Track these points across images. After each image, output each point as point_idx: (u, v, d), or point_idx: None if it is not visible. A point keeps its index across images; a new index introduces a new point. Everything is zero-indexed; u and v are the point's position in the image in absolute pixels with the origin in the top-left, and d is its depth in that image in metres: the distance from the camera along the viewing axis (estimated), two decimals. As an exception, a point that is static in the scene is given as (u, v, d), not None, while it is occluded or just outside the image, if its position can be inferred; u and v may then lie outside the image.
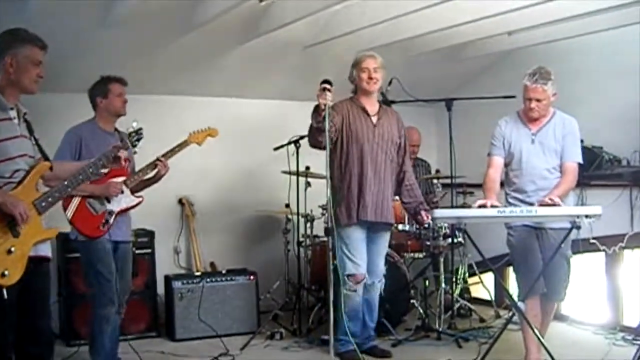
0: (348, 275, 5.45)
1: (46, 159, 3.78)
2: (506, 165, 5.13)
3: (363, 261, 5.47)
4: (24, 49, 3.62)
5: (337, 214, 5.44)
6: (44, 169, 3.72)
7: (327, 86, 5.08)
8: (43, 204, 3.66)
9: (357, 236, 5.48)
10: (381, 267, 5.67)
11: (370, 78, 5.51)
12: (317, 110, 5.10)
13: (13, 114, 3.66)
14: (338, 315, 5.35)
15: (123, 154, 4.25)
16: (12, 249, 3.50)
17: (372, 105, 5.63)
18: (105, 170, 4.38)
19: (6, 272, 3.44)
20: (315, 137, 5.25)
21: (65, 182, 3.77)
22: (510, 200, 5.02)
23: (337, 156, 5.53)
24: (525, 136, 5.04)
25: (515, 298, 4.92)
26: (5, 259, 3.46)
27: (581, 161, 5.07)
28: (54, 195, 3.72)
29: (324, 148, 5.17)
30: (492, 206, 4.73)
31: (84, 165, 3.96)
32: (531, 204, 4.80)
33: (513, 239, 5.06)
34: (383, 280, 5.69)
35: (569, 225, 4.81)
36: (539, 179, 4.97)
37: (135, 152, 4.63)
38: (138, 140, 4.54)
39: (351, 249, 5.48)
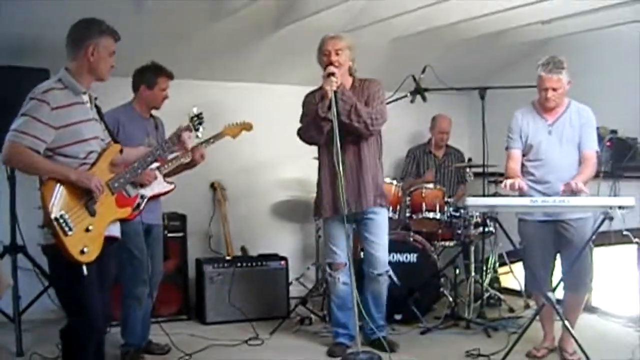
0: (329, 263, 5.53)
1: (115, 142, 3.98)
2: (523, 156, 5.14)
3: (341, 250, 5.39)
4: (104, 39, 3.81)
5: (318, 204, 5.52)
6: (115, 151, 3.94)
7: (333, 70, 5.07)
8: (116, 184, 3.88)
9: (334, 227, 5.43)
10: (381, 258, 5.49)
11: (329, 61, 5.21)
12: (321, 98, 5.08)
13: (85, 98, 3.84)
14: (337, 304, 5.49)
15: (187, 134, 4.33)
16: (90, 227, 3.70)
17: (345, 86, 5.29)
18: (172, 156, 4.51)
19: (85, 249, 3.63)
20: (318, 127, 5.19)
21: (135, 164, 4.04)
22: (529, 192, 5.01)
23: (318, 149, 5.49)
24: (542, 127, 5.05)
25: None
26: (84, 236, 3.66)
27: (597, 149, 5.08)
28: (125, 176, 3.96)
29: (318, 141, 5.19)
30: (520, 189, 4.77)
31: (151, 149, 4.21)
32: (549, 195, 4.78)
33: (526, 232, 5.09)
34: (389, 272, 5.56)
35: (589, 214, 4.83)
36: (558, 170, 4.96)
37: (197, 137, 4.67)
38: (200, 124, 4.60)
39: (330, 238, 5.49)
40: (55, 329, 3.85)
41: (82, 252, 3.61)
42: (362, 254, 5.78)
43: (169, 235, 6.34)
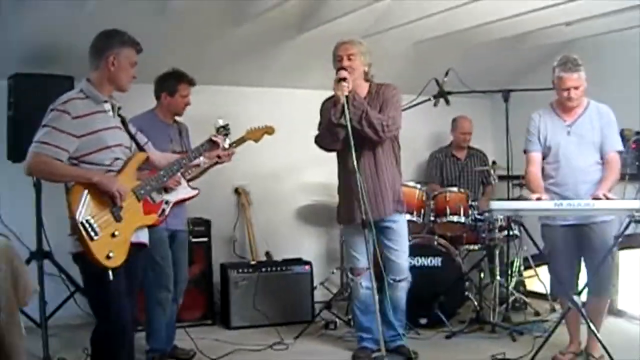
0: (350, 268, 5.55)
1: (141, 150, 4.02)
2: (543, 158, 5.09)
3: (362, 255, 5.29)
4: (126, 50, 3.86)
5: (338, 210, 5.54)
6: (142, 158, 3.99)
7: (344, 75, 5.04)
8: (142, 191, 3.92)
9: (353, 233, 5.39)
10: (401, 265, 5.45)
11: (341, 68, 5.12)
12: (334, 104, 5.05)
13: (107, 106, 3.88)
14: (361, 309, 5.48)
15: (219, 139, 4.36)
16: (116, 232, 3.72)
17: (360, 92, 5.24)
18: (197, 162, 4.59)
19: (111, 254, 3.66)
20: (332, 133, 5.14)
21: (162, 172, 4.07)
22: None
23: (337, 155, 5.45)
24: (561, 128, 5.00)
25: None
26: (110, 242, 3.68)
27: (622, 148, 5.02)
28: (151, 183, 3.99)
29: (334, 148, 5.21)
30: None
31: (178, 158, 4.23)
32: (569, 198, 4.75)
33: (550, 237, 5.06)
34: (409, 279, 5.53)
35: (612, 217, 4.79)
36: (578, 171, 4.92)
37: (224, 148, 4.69)
38: (226, 135, 4.61)
39: (351, 244, 5.49)
40: (82, 334, 3.90)
41: (108, 257, 3.64)
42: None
43: (194, 240, 6.36)
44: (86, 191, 3.65)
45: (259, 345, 5.77)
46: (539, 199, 4.74)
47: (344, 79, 5.01)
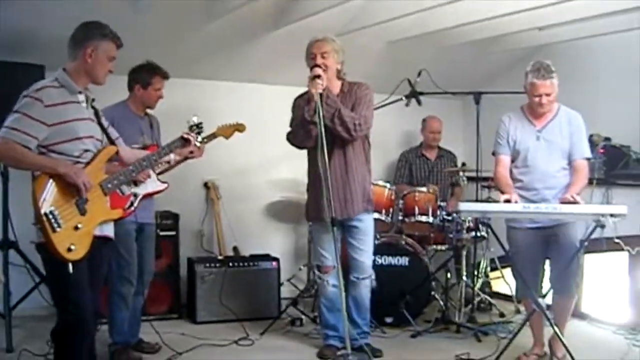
0: (317, 266, 5.56)
1: (112, 143, 3.99)
2: (512, 161, 5.12)
3: (329, 253, 5.34)
4: (105, 44, 3.85)
5: (307, 208, 5.55)
6: (111, 152, 3.96)
7: (319, 73, 5.04)
8: (109, 185, 3.90)
9: (320, 231, 5.41)
10: (365, 263, 5.45)
11: (316, 65, 5.13)
12: (307, 101, 5.06)
13: (81, 97, 3.86)
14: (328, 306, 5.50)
15: (192, 137, 4.33)
16: (79, 225, 3.70)
17: (332, 90, 5.24)
18: (167, 158, 4.60)
19: (72, 247, 3.64)
20: (306, 130, 5.14)
21: (131, 167, 4.04)
22: None
23: (307, 152, 5.45)
24: (530, 133, 5.03)
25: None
26: (72, 234, 3.66)
27: (590, 156, 5.06)
28: (119, 178, 3.97)
29: (307, 145, 5.21)
30: (516, 202, 4.75)
31: (148, 154, 4.20)
32: (537, 202, 4.78)
33: (516, 239, 5.10)
34: (372, 277, 5.54)
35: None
36: (546, 176, 4.96)
37: (195, 146, 4.68)
38: (198, 134, 4.59)
39: (318, 241, 5.50)
40: (46, 326, 3.86)
41: (69, 249, 3.62)
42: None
43: (162, 233, 6.33)
44: (51, 181, 3.63)
45: (225, 340, 5.76)
46: (507, 200, 4.77)
47: (318, 77, 5.01)
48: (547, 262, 5.12)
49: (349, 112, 5.18)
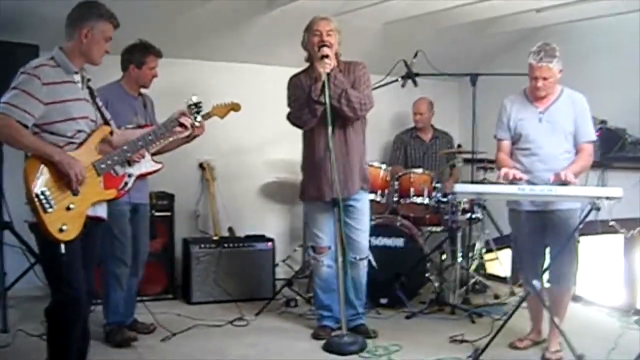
0: (312, 247, 5.55)
1: (106, 123, 3.97)
2: (513, 144, 5.09)
3: (324, 234, 5.40)
4: (102, 24, 3.81)
5: (303, 188, 5.52)
6: (105, 132, 3.93)
7: (328, 52, 5.04)
8: (102, 165, 3.86)
9: (316, 211, 5.44)
10: (362, 243, 5.48)
11: (322, 42, 5.15)
12: (315, 81, 5.07)
13: (77, 77, 3.84)
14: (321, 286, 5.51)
15: (186, 120, 4.30)
16: (71, 206, 3.68)
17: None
18: (163, 139, 4.60)
19: (64, 227, 3.62)
20: (311, 110, 5.14)
21: (125, 147, 3.99)
22: None
23: (303, 132, 5.45)
24: (532, 115, 4.98)
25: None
26: (64, 215, 3.65)
27: (595, 138, 5.05)
28: (113, 158, 3.93)
29: (310, 125, 5.19)
30: (514, 179, 4.72)
31: (143, 133, 4.13)
32: (537, 185, 4.76)
33: (516, 222, 5.09)
34: (369, 257, 5.57)
35: (577, 206, 4.83)
36: (548, 159, 4.91)
37: (195, 126, 4.65)
38: (197, 113, 4.58)
39: (314, 222, 5.49)
40: (41, 306, 3.85)
41: (60, 230, 3.61)
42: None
43: (156, 214, 6.35)
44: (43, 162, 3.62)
45: (220, 321, 5.78)
46: (506, 174, 4.74)
47: (327, 56, 5.02)
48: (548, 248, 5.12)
49: (355, 92, 5.18)
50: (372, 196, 6.02)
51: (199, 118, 4.48)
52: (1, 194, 5.55)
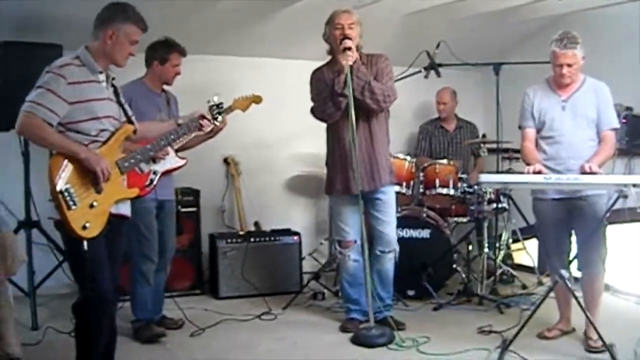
0: (338, 241, 5.53)
1: (130, 122, 3.98)
2: (537, 132, 5.06)
3: (350, 228, 5.39)
4: (127, 27, 3.83)
5: (329, 181, 5.49)
6: (129, 131, 3.94)
7: (350, 45, 5.03)
8: (126, 164, 3.90)
9: (344, 204, 5.41)
10: (390, 236, 5.45)
11: (343, 35, 5.13)
12: (337, 74, 5.07)
13: (102, 77, 3.86)
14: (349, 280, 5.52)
15: (206, 124, 4.30)
16: (95, 203, 3.71)
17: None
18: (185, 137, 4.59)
19: (87, 225, 3.65)
20: (335, 103, 5.15)
21: (148, 146, 4.05)
22: None
23: (328, 125, 5.45)
24: (556, 103, 4.95)
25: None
26: (87, 212, 3.67)
27: (618, 126, 5.00)
28: (136, 157, 3.97)
29: (335, 118, 5.19)
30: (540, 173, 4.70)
31: (166, 132, 4.19)
32: (562, 173, 4.73)
33: (541, 211, 5.05)
34: (396, 250, 5.52)
35: (603, 192, 4.79)
36: (572, 147, 4.88)
37: (216, 125, 4.66)
38: (219, 113, 4.58)
39: (340, 216, 5.48)
40: (70, 303, 3.88)
41: (84, 227, 3.63)
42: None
43: (182, 210, 6.38)
44: (67, 159, 3.65)
45: (247, 315, 5.80)
46: (538, 172, 4.71)
47: (349, 49, 5.02)
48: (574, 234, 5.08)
49: (378, 84, 5.17)
50: (397, 188, 6.00)
51: (220, 118, 4.49)
52: (29, 192, 5.60)
